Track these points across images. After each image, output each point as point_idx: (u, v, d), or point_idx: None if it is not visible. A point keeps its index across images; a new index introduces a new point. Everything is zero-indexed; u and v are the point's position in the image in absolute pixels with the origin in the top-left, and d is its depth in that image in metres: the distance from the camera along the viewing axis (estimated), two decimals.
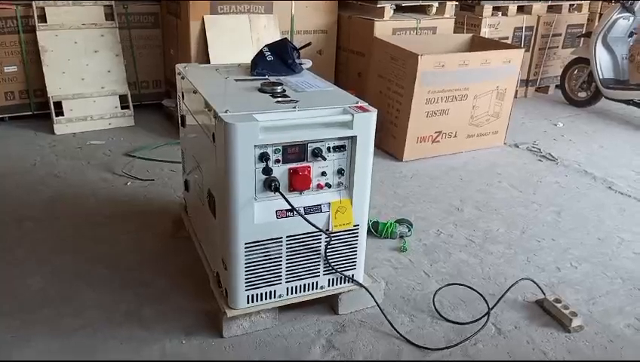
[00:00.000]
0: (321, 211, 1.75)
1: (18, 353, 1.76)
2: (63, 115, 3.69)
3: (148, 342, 1.82)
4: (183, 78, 2.07)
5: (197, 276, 2.09)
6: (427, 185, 3.13)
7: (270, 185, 1.63)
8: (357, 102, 1.76)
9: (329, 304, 1.98)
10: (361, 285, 1.92)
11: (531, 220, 2.77)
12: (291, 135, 1.63)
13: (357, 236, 1.83)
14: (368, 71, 3.71)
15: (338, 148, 1.71)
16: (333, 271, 1.85)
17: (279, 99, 1.79)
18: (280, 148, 1.64)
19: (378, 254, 2.38)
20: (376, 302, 1.93)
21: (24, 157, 3.27)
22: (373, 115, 1.70)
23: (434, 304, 2.06)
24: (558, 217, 2.82)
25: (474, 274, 2.29)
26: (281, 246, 1.73)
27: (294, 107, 1.69)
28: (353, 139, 1.71)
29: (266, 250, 1.72)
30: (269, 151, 1.62)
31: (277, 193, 1.63)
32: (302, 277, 1.81)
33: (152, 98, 4.13)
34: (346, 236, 1.82)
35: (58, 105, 3.68)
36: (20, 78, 3.69)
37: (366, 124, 1.70)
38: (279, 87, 1.87)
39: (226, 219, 1.66)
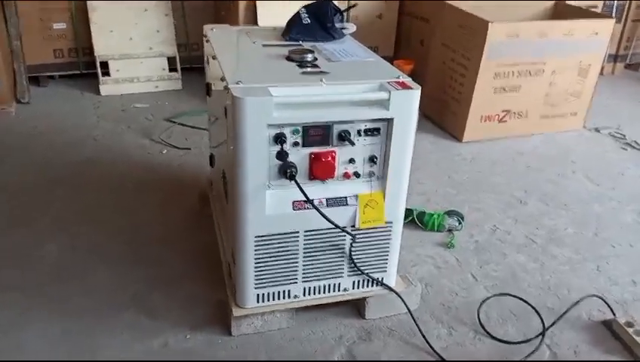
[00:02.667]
0: (347, 204, 1.49)
1: (17, 334, 1.64)
2: (109, 75, 3.58)
3: (150, 334, 1.65)
4: (207, 41, 1.84)
5: (214, 260, 1.91)
6: (488, 171, 2.79)
7: (285, 171, 1.38)
8: (398, 77, 1.47)
9: (355, 306, 1.73)
10: (391, 289, 1.66)
11: (607, 220, 2.39)
12: (314, 114, 1.37)
13: (389, 235, 1.57)
14: (432, 39, 3.35)
15: (371, 132, 1.43)
16: (359, 272, 1.59)
17: (307, 69, 1.53)
18: (300, 129, 1.38)
19: (421, 249, 2.10)
20: (409, 311, 1.67)
21: (66, 117, 3.19)
22: (415, 93, 1.40)
23: (479, 316, 1.77)
24: None
25: (531, 281, 1.97)
26: (298, 241, 1.50)
27: (321, 80, 1.42)
28: (390, 121, 1.43)
29: (279, 245, 1.49)
30: (286, 132, 1.37)
31: (292, 180, 1.38)
32: (322, 277, 1.58)
33: (202, 61, 3.94)
34: (377, 234, 1.56)
35: (105, 65, 3.57)
36: (69, 36, 3.59)
37: (406, 104, 1.41)
38: (310, 55, 1.60)
39: (235, 208, 1.43)
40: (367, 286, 1.64)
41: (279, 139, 1.36)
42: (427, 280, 1.94)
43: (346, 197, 1.49)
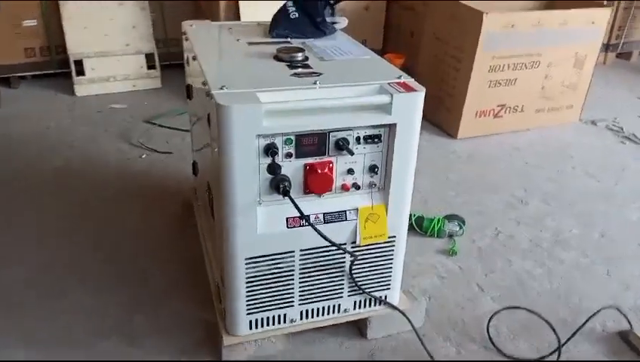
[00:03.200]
0: (346, 219, 1.35)
1: None
2: (84, 74, 3.39)
3: None
4: (186, 39, 1.68)
5: (200, 275, 1.76)
6: (485, 169, 2.67)
7: (278, 186, 1.24)
8: (399, 78, 1.33)
9: (356, 325, 1.60)
10: (395, 308, 1.53)
11: (612, 219, 2.28)
12: (308, 121, 1.23)
13: (392, 250, 1.43)
14: (423, 31, 3.21)
15: (371, 139, 1.29)
16: (361, 291, 1.46)
17: (298, 70, 1.38)
18: (292, 138, 1.24)
19: (421, 258, 1.97)
20: (415, 330, 1.54)
21: (38, 121, 3.00)
22: (419, 96, 1.27)
23: (488, 331, 1.64)
24: None
25: (540, 289, 1.85)
26: (294, 261, 1.36)
27: (315, 83, 1.27)
28: (392, 127, 1.29)
29: (273, 267, 1.35)
30: (278, 142, 1.23)
31: (285, 196, 1.23)
32: (320, 298, 1.44)
33: (182, 57, 3.76)
34: (379, 250, 1.42)
35: (79, 64, 3.38)
36: (41, 33, 3.39)
37: (410, 108, 1.27)
38: (300, 54, 1.45)
39: (223, 227, 1.29)
40: (370, 305, 1.50)
41: (270, 150, 1.21)
42: (430, 292, 1.81)
43: (345, 212, 1.35)
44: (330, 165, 1.29)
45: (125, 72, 3.46)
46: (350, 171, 1.31)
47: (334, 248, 1.36)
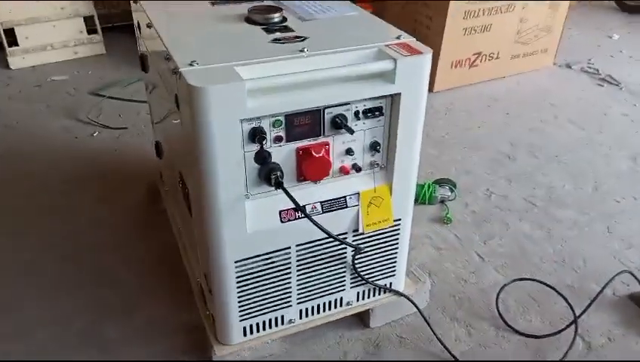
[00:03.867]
0: (347, 206, 1.17)
1: None
2: (17, 44, 3.03)
3: None
4: (135, 1, 1.42)
5: (177, 271, 1.56)
6: (466, 123, 2.52)
7: (268, 176, 1.04)
8: (399, 38, 1.13)
9: (357, 314, 1.45)
10: (402, 295, 1.38)
11: (602, 170, 2.19)
12: (299, 98, 1.02)
13: (398, 234, 1.27)
14: None
15: (371, 113, 1.10)
16: (364, 282, 1.30)
17: (277, 34, 1.16)
18: (282, 119, 1.03)
19: (415, 228, 1.79)
20: (423, 316, 1.41)
21: None
22: (426, 59, 1.08)
23: (497, 307, 1.53)
24: (635, 164, 2.23)
25: (542, 254, 1.74)
26: (290, 258, 1.18)
27: (302, 50, 1.06)
28: (395, 97, 1.10)
29: (267, 267, 1.17)
30: (265, 125, 1.03)
31: (278, 188, 1.04)
32: (321, 294, 1.27)
33: (126, 18, 3.41)
34: (383, 236, 1.26)
35: (11, 34, 3.01)
36: None
37: (416, 74, 1.08)
38: (277, 15, 1.23)
39: (205, 228, 1.09)
40: (374, 295, 1.35)
41: (257, 136, 1.01)
42: (429, 267, 1.68)
43: (345, 198, 1.17)
44: (327, 147, 1.10)
45: (63, 38, 3.11)
46: (349, 151, 1.13)
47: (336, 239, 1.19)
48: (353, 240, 1.22)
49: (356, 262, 1.25)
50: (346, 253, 1.24)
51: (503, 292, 1.58)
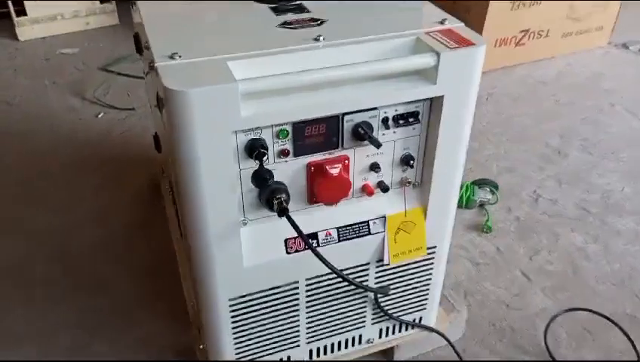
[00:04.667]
0: (369, 233, 0.94)
1: None
2: (25, 14, 2.84)
3: None
4: None
5: (172, 278, 1.37)
6: (510, 110, 2.24)
7: (271, 200, 0.82)
8: (442, 22, 0.88)
9: None
10: (432, 330, 1.16)
11: None
12: (311, 101, 0.79)
13: (431, 264, 1.04)
14: None
15: (405, 120, 0.86)
16: (388, 317, 1.08)
17: (288, 17, 0.92)
18: (288, 128, 0.80)
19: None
20: (457, 352, 1.18)
21: None
22: (479, 52, 0.83)
23: (545, 341, 1.29)
24: None
25: (598, 274, 1.49)
26: (298, 295, 0.96)
27: (317, 38, 0.83)
28: (436, 101, 0.86)
29: (269, 305, 0.95)
30: (267, 136, 0.80)
31: (282, 216, 0.82)
32: (335, 332, 1.06)
33: None
34: (414, 267, 1.03)
35: (19, 2, 2.82)
36: None
37: (465, 71, 0.83)
38: None
39: (194, 259, 0.88)
40: (400, 331, 1.13)
41: (256, 151, 0.78)
42: (465, 286, 1.45)
43: (367, 223, 0.94)
44: (346, 162, 0.86)
45: (75, 7, 2.91)
46: (374, 167, 0.89)
47: (354, 269, 0.97)
48: (377, 273, 1.00)
49: (380, 296, 1.03)
50: (368, 284, 1.01)
51: (553, 321, 1.35)
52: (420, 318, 1.13)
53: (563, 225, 1.66)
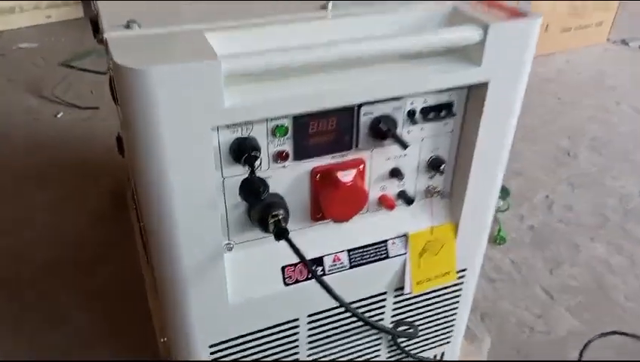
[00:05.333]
0: (387, 256, 0.75)
1: None
2: None
3: None
4: None
5: (140, 307, 1.15)
6: None
7: (264, 218, 0.62)
8: None
9: None
10: None
11: None
12: (316, 88, 0.59)
13: (459, 291, 0.85)
14: None
15: (435, 113, 0.67)
16: (406, 356, 0.89)
17: None
18: (287, 124, 0.60)
19: None
20: None
21: None
22: (533, 27, 0.64)
23: None
24: None
25: (626, 290, 1.32)
26: (298, 335, 0.76)
27: (325, 6, 0.63)
28: (476, 89, 0.66)
29: (261, 350, 0.75)
30: (259, 134, 0.60)
31: (281, 239, 0.61)
32: None
33: None
34: (439, 295, 0.84)
35: None
36: None
37: (516, 52, 0.64)
38: None
39: (162, 292, 0.67)
40: None
41: (245, 153, 0.58)
42: (481, 307, 1.26)
43: (385, 243, 0.74)
44: (362, 167, 0.67)
45: None
46: (396, 174, 0.70)
47: (368, 302, 0.77)
48: (395, 303, 0.80)
49: (397, 330, 0.84)
50: (382, 319, 0.82)
51: (579, 340, 1.17)
52: (442, 354, 0.94)
53: (582, 234, 1.49)
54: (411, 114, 0.66)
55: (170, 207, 0.59)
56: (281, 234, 0.61)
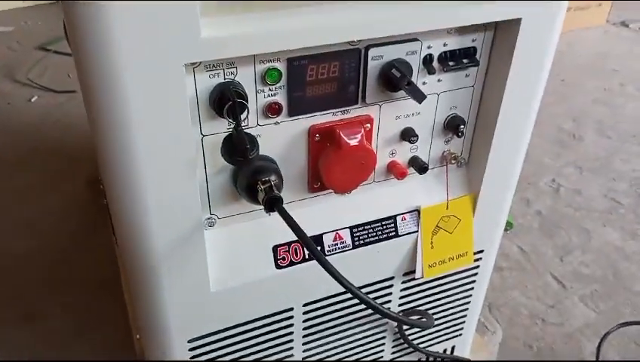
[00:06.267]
0: (397, 234, 0.64)
1: None
2: None
3: None
4: None
5: (115, 300, 1.04)
6: None
7: (253, 185, 0.50)
8: None
9: None
10: (467, 361, 0.86)
11: None
12: (315, 22, 0.48)
13: (475, 276, 0.74)
14: None
15: (455, 60, 0.56)
16: (413, 350, 0.78)
17: None
18: (280, 67, 0.49)
19: None
20: None
21: None
22: None
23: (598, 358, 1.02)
24: None
25: None
26: (292, 327, 0.65)
27: None
28: (504, 31, 0.56)
29: (248, 345, 0.64)
30: (245, 79, 0.48)
31: (273, 210, 0.50)
32: None
33: None
34: (452, 280, 0.73)
35: None
36: None
37: None
38: None
39: (132, 279, 0.56)
40: None
41: (228, 102, 0.47)
42: (490, 297, 1.16)
43: (394, 219, 0.64)
44: (368, 126, 0.56)
45: None
46: (408, 135, 0.59)
47: (374, 287, 0.67)
48: (402, 290, 0.70)
49: (404, 321, 0.73)
50: (388, 306, 0.71)
51: (595, 332, 1.07)
52: (453, 347, 0.83)
53: (592, 220, 1.40)
54: (428, 61, 0.55)
55: (137, 173, 0.48)
56: (273, 203, 0.50)
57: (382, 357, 0.76)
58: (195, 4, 0.41)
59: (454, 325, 0.79)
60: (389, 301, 0.70)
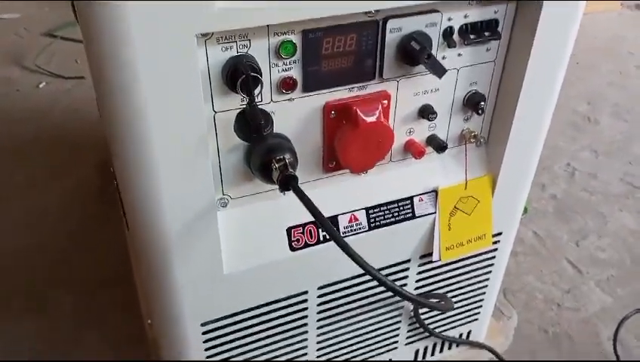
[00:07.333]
0: (413, 215, 0.62)
1: None
2: None
3: None
4: None
5: (126, 287, 1.03)
6: None
7: (267, 164, 0.49)
8: None
9: None
10: (482, 346, 0.85)
11: None
12: None
13: (493, 259, 0.73)
14: None
15: (476, 34, 0.54)
16: (429, 335, 0.77)
17: None
18: (295, 40, 0.47)
19: None
20: None
21: None
22: None
23: (616, 351, 1.00)
24: None
25: None
26: (306, 311, 0.64)
27: None
28: (527, 3, 0.53)
29: (261, 329, 0.63)
30: (259, 52, 0.46)
31: (288, 189, 0.48)
32: (354, 356, 0.74)
33: None
34: (469, 263, 0.71)
35: None
36: None
37: None
38: None
39: (142, 261, 0.55)
40: (441, 351, 0.82)
41: (239, 76, 0.45)
42: (504, 281, 1.13)
43: (411, 200, 0.62)
44: (385, 102, 0.54)
45: None
46: (427, 112, 0.57)
47: (390, 271, 0.65)
48: (419, 273, 0.68)
49: (420, 306, 0.71)
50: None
51: (612, 318, 1.06)
52: (469, 332, 0.82)
53: (608, 204, 1.37)
54: (448, 33, 0.53)
55: (148, 152, 0.46)
56: (288, 182, 0.48)
57: (397, 341, 0.75)
58: None
59: (471, 309, 0.78)
60: (405, 284, 0.69)
